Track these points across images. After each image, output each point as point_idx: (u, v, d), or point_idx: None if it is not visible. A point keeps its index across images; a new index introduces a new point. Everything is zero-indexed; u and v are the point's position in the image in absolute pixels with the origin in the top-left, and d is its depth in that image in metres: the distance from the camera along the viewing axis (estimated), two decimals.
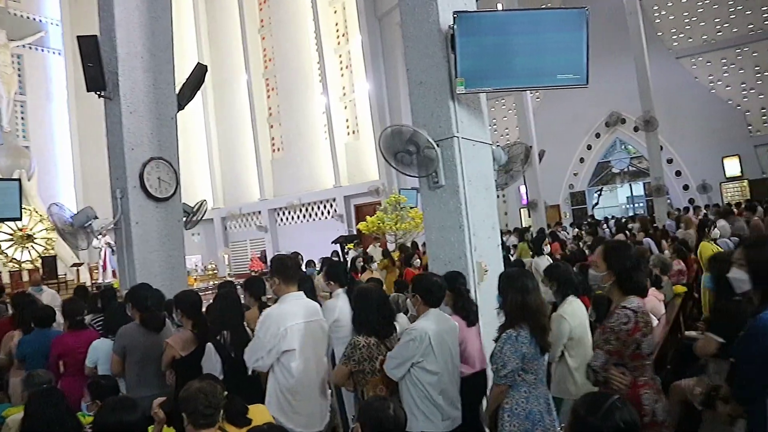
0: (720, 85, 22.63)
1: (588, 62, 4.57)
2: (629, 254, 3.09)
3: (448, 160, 4.40)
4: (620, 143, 24.75)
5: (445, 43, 4.48)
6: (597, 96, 21.07)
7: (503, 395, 3.27)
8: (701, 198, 21.95)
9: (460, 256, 4.37)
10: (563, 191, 25.20)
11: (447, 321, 3.87)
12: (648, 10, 22.72)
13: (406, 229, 15.40)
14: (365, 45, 20.78)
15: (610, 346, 2.97)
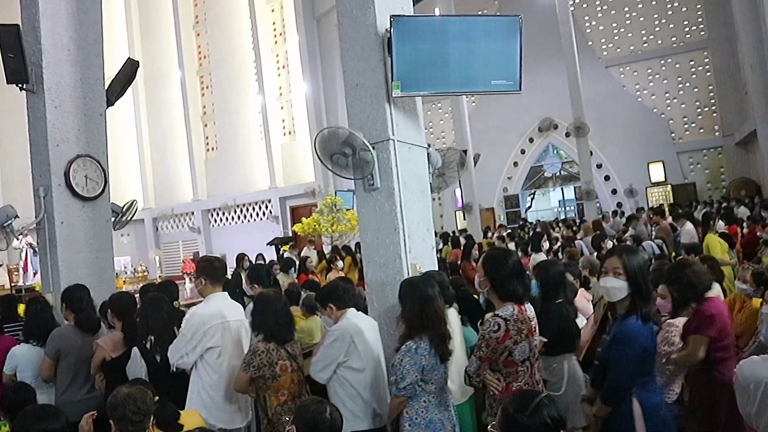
0: (646, 94, 23.64)
1: (521, 69, 4.66)
2: (506, 263, 3.18)
3: (384, 163, 4.40)
4: (553, 148, 25.49)
5: (381, 46, 4.48)
6: (531, 102, 21.61)
7: (403, 406, 3.32)
8: (628, 202, 22.82)
9: (395, 258, 4.37)
10: (497, 194, 25.72)
11: (366, 319, 3.97)
12: (579, 20, 23.49)
13: (342, 231, 15.38)
14: (302, 45, 20.64)
15: (482, 353, 3.09)
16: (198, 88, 24.70)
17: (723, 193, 21.70)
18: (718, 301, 3.98)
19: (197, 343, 3.91)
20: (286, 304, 4.09)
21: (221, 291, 4.23)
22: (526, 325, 3.15)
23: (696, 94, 23.12)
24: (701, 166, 23.16)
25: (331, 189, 18.31)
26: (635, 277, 2.94)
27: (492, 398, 3.16)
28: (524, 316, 3.16)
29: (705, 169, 23.11)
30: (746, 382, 2.00)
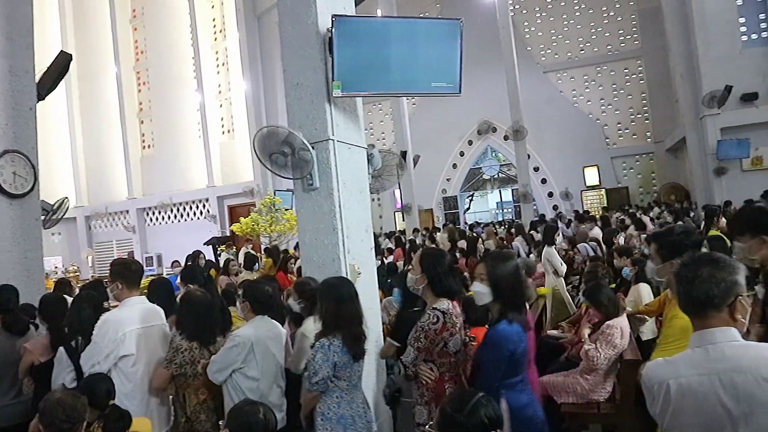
0: (582, 100, 24.33)
1: (461, 72, 4.70)
2: (442, 261, 3.37)
3: (323, 163, 4.37)
4: (491, 151, 25.92)
5: (322, 46, 4.45)
6: (470, 104, 21.91)
7: (316, 401, 3.40)
8: (564, 205, 23.43)
9: (334, 258, 4.36)
10: (436, 196, 25.97)
11: (273, 328, 3.94)
12: (519, 25, 23.99)
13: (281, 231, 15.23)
14: (243, 43, 20.29)
15: (420, 344, 3.25)
16: (134, 83, 23.96)
17: (654, 197, 22.53)
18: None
19: (110, 352, 3.73)
20: (212, 305, 4.02)
21: (138, 295, 4.05)
22: (459, 319, 3.35)
23: (630, 101, 23.95)
24: (634, 170, 24.01)
25: (270, 189, 18.09)
26: (497, 283, 3.07)
27: (424, 387, 3.30)
28: (457, 311, 3.35)
29: (637, 174, 23.98)
30: (651, 383, 2.06)
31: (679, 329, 2.69)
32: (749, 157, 16.69)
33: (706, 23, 16.90)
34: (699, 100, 16.97)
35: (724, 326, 2.00)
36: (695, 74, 17.30)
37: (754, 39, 17.38)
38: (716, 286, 1.98)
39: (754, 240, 2.92)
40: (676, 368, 2.02)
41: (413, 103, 25.03)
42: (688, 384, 1.96)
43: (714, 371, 1.95)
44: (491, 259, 3.25)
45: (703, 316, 2.02)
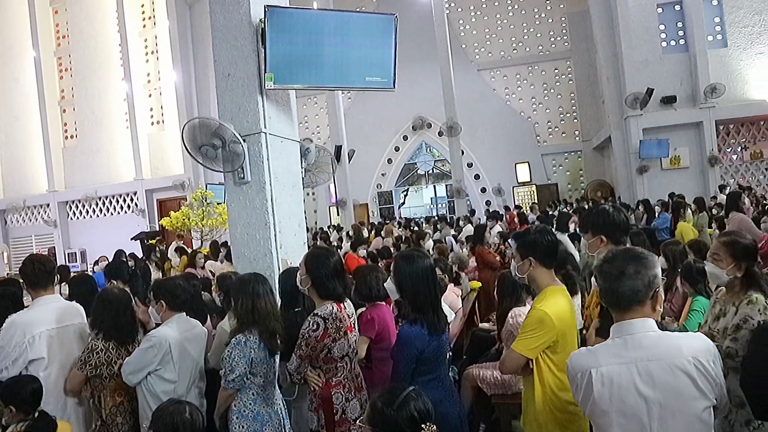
0: (514, 98, 24.88)
1: (395, 67, 4.70)
2: (327, 262, 3.33)
3: (255, 156, 4.29)
4: (426, 146, 26.14)
5: (255, 37, 4.36)
6: (405, 100, 22.03)
7: (231, 398, 3.35)
8: (496, 200, 23.91)
9: (266, 253, 4.29)
10: (371, 190, 26.01)
11: (193, 328, 3.80)
12: (454, 23, 24.27)
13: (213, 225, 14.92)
14: (173, 31, 19.70)
15: (302, 351, 3.23)
16: (55, 70, 22.81)
17: (582, 193, 23.26)
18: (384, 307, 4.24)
19: (18, 356, 3.51)
20: (129, 303, 3.86)
21: (50, 293, 3.82)
22: (345, 322, 3.31)
23: (559, 100, 24.65)
24: (563, 168, 24.76)
25: (201, 182, 17.68)
26: (402, 283, 3.15)
27: (313, 394, 3.32)
28: (343, 314, 3.32)
29: (566, 171, 24.74)
30: (574, 372, 2.15)
31: (536, 319, 2.80)
32: (668, 156, 17.54)
33: (630, 29, 17.60)
34: (623, 101, 17.66)
35: (644, 317, 2.12)
36: (620, 77, 17.99)
37: (673, 45, 18.25)
38: (641, 281, 2.09)
39: (594, 238, 3.08)
40: (597, 358, 2.11)
41: (348, 97, 24.96)
42: (609, 373, 2.05)
43: (632, 360, 2.05)
44: (399, 259, 3.28)
45: (627, 309, 2.11)
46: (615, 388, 2.04)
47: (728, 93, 17.14)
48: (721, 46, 17.97)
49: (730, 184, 18.17)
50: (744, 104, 17.49)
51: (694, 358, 2.05)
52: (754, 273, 3.07)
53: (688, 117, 17.56)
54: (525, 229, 3.26)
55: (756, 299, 2.99)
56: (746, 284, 3.07)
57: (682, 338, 2.16)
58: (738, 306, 3.05)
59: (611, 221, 3.19)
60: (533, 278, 3.03)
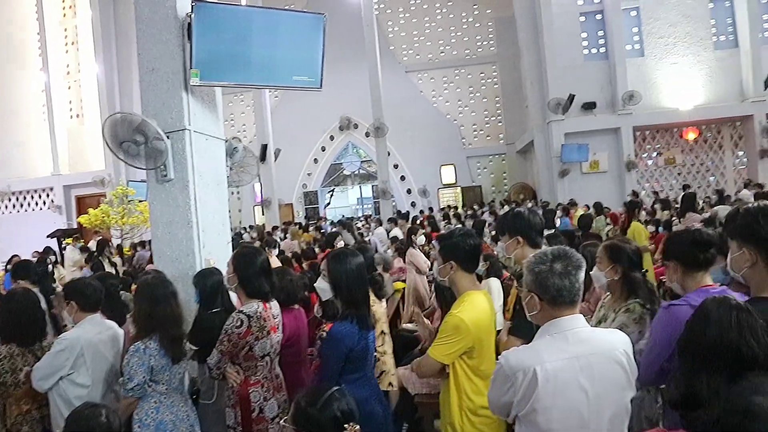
0: (441, 101, 25.23)
1: (323, 67, 4.70)
2: (254, 260, 3.37)
3: (179, 154, 4.20)
4: (352, 147, 26.14)
5: (181, 31, 4.27)
6: (333, 100, 21.92)
7: (133, 407, 3.26)
8: (422, 201, 24.17)
9: (188, 253, 4.20)
10: (297, 190, 25.72)
11: (108, 329, 3.68)
12: (383, 24, 24.39)
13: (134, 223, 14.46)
14: (96, 21, 18.96)
15: (223, 347, 3.26)
16: None
17: (505, 195, 23.83)
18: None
19: None
20: (36, 304, 3.69)
21: None
22: (269, 322, 3.34)
23: (485, 104, 25.17)
24: (487, 170, 25.28)
25: (123, 179, 17.09)
26: (336, 281, 3.17)
27: (230, 390, 3.32)
28: (268, 314, 3.35)
29: (490, 174, 25.27)
30: (513, 371, 2.14)
31: (452, 326, 2.85)
32: (588, 160, 18.23)
33: (554, 36, 18.21)
34: (546, 106, 18.23)
35: (575, 314, 2.21)
36: (543, 82, 18.59)
37: (594, 53, 19.04)
38: (578, 279, 2.18)
39: (511, 240, 3.20)
40: (540, 354, 2.13)
41: (276, 96, 24.66)
42: (554, 369, 2.09)
43: (574, 355, 2.12)
44: (332, 257, 3.28)
45: (564, 306, 2.18)
46: (559, 383, 2.08)
47: (644, 101, 18.00)
48: (638, 55, 18.87)
49: (646, 188, 19.10)
50: (659, 112, 18.42)
51: (624, 351, 2.18)
52: (632, 278, 3.15)
53: (607, 123, 18.33)
54: (449, 231, 3.29)
55: (633, 308, 3.08)
56: (627, 291, 3.16)
57: (608, 333, 2.30)
58: (617, 312, 3.14)
59: (527, 223, 3.27)
60: (453, 282, 3.05)
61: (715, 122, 19.25)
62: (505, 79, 24.46)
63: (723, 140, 19.67)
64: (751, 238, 2.13)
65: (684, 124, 19.04)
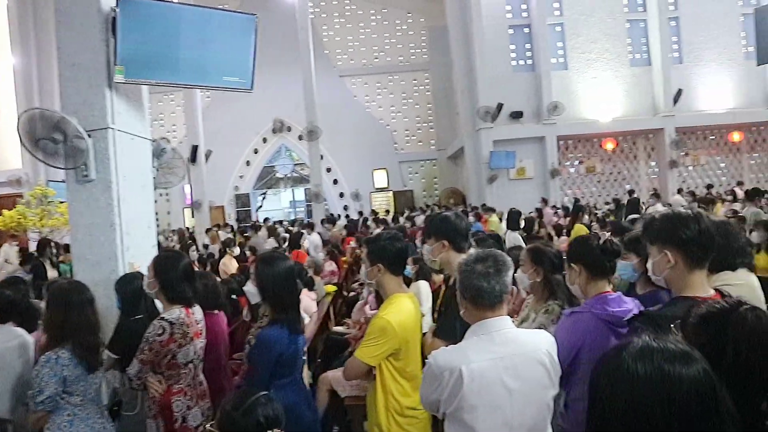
0: (374, 106, 25.36)
1: (254, 68, 4.64)
2: (176, 265, 3.29)
3: (101, 153, 4.04)
4: (285, 149, 25.91)
5: (105, 25, 4.11)
6: (266, 102, 21.68)
7: (43, 421, 3.09)
8: (354, 205, 24.19)
9: (110, 256, 4.05)
10: (228, 192, 25.26)
11: (16, 337, 3.55)
12: (318, 28, 24.28)
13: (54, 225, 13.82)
14: (12, 10, 18.01)
15: (144, 356, 3.13)
16: None
17: (436, 200, 24.16)
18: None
19: None
20: None
21: None
22: (193, 328, 3.26)
23: (417, 110, 25.49)
24: (419, 175, 25.59)
25: (42, 178, 16.33)
26: (264, 285, 3.17)
27: (151, 400, 3.21)
28: (191, 320, 3.26)
29: (422, 178, 25.60)
30: (440, 370, 2.19)
31: (379, 328, 2.90)
32: (515, 167, 18.74)
33: (484, 46, 18.65)
34: (476, 113, 18.62)
35: (502, 315, 2.28)
36: (473, 90, 18.97)
37: (522, 65, 19.64)
38: (505, 281, 2.26)
39: (437, 243, 3.29)
40: (467, 355, 2.19)
41: (207, 96, 24.13)
42: (479, 369, 2.15)
43: (499, 355, 2.19)
44: (260, 261, 3.26)
45: (492, 308, 2.25)
46: (484, 382, 2.14)
47: (567, 111, 18.68)
48: (562, 68, 19.58)
49: (569, 194, 19.79)
50: (580, 122, 19.17)
51: (547, 351, 2.27)
52: (553, 280, 3.26)
53: (533, 132, 18.92)
54: (376, 235, 3.32)
55: (552, 309, 3.18)
56: (548, 292, 3.27)
57: (533, 334, 2.39)
58: (538, 313, 3.24)
59: (453, 227, 3.30)
60: (381, 284, 3.10)
61: (631, 134, 20.30)
62: (437, 87, 24.86)
63: (638, 151, 20.75)
64: (671, 242, 2.22)
65: (603, 135, 19.93)
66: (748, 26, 17.59)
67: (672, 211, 2.35)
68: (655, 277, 2.35)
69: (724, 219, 3.48)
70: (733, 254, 3.07)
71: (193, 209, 20.99)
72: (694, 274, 2.22)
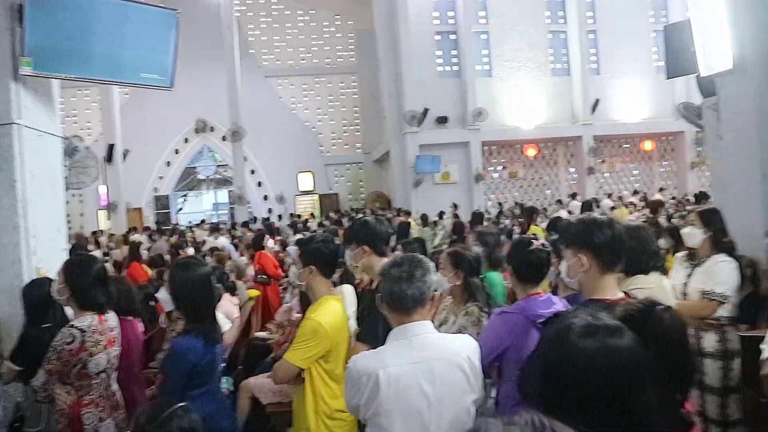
0: (300, 107, 25.13)
1: (175, 65, 4.47)
2: (88, 270, 3.14)
3: (4, 150, 3.78)
4: (208, 150, 25.29)
5: (9, 13, 3.85)
6: (188, 101, 21.13)
7: None
8: (278, 208, 23.87)
9: (14, 261, 3.79)
10: (147, 194, 24.34)
11: None
12: (244, 27, 23.85)
13: None
14: None
15: (52, 366, 2.98)
16: None
17: (362, 204, 24.16)
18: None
19: None
20: None
21: None
22: (106, 336, 3.11)
23: (343, 113, 25.45)
24: (344, 178, 25.55)
25: None
26: (177, 292, 3.07)
27: (59, 414, 3.04)
28: (104, 327, 3.12)
29: (348, 182, 25.57)
30: (358, 375, 2.19)
31: (310, 329, 2.88)
32: (440, 171, 18.98)
33: (411, 51, 18.81)
34: (402, 118, 18.75)
35: (423, 320, 2.26)
36: (400, 95, 19.09)
37: (448, 70, 19.91)
38: (425, 285, 2.24)
39: (358, 248, 3.30)
40: (384, 359, 2.18)
41: (126, 92, 23.15)
42: (396, 374, 2.14)
43: (417, 360, 2.18)
44: (175, 266, 3.18)
45: (411, 312, 2.23)
46: (401, 387, 2.13)
47: (491, 118, 19.09)
48: (487, 75, 20.00)
49: (492, 199, 20.21)
50: (504, 129, 19.65)
51: (468, 356, 2.26)
52: (472, 283, 3.32)
53: (458, 137, 19.21)
54: (310, 236, 3.29)
55: (472, 311, 3.24)
56: (466, 295, 3.33)
57: (456, 338, 2.39)
58: (457, 316, 3.29)
59: (373, 232, 3.30)
60: (310, 286, 3.07)
61: (552, 141, 20.94)
62: (363, 90, 24.88)
63: (558, 157, 21.47)
64: (585, 246, 2.29)
65: (525, 141, 20.49)
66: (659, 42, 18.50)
67: (587, 216, 2.44)
68: (568, 280, 2.43)
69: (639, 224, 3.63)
70: (646, 258, 3.18)
71: (109, 211, 20.18)
72: (605, 278, 2.30)
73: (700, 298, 3.67)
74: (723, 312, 3.63)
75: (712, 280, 3.62)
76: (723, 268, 3.65)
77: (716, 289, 3.59)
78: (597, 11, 20.70)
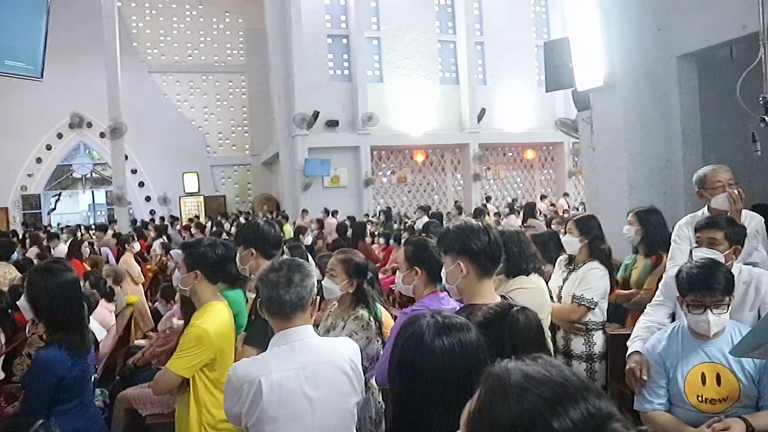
0: (186, 106, 24.36)
1: (45, 54, 4.16)
2: None
3: None
4: (84, 147, 23.86)
5: None
6: (63, 94, 19.94)
7: None
8: (162, 210, 22.95)
9: None
10: (14, 193, 22.57)
11: None
12: (126, 18, 22.77)
13: None
14: None
15: None
16: None
17: (249, 206, 23.71)
18: None
19: None
20: None
21: None
22: None
23: (232, 113, 24.92)
24: (232, 180, 25.02)
25: None
26: (36, 300, 2.88)
27: None
28: None
29: (235, 184, 25.06)
30: (240, 382, 2.14)
31: (194, 337, 2.81)
32: (329, 175, 19.00)
33: (303, 53, 18.69)
34: (292, 120, 18.59)
35: (305, 324, 2.26)
36: (290, 97, 18.93)
37: (339, 74, 20.01)
38: (305, 289, 2.22)
39: (246, 251, 3.28)
40: (267, 365, 2.16)
41: None
42: (279, 379, 2.12)
43: (300, 365, 2.18)
44: (34, 272, 2.95)
45: (291, 317, 2.21)
46: (284, 393, 2.12)
47: (381, 123, 19.32)
48: (378, 81, 20.24)
49: (381, 203, 20.46)
50: (393, 134, 19.93)
51: (350, 359, 2.28)
52: (362, 290, 3.33)
53: (347, 141, 19.30)
54: (196, 240, 3.22)
55: (361, 315, 3.25)
56: (355, 300, 3.33)
57: (336, 342, 2.41)
58: (346, 321, 3.28)
59: (261, 234, 3.28)
60: (195, 292, 2.98)
61: (440, 147, 21.58)
62: (253, 90, 24.46)
63: (446, 164, 22.13)
64: (463, 252, 2.36)
65: (414, 147, 20.94)
66: (540, 56, 19.50)
67: (464, 223, 2.50)
68: (448, 286, 2.50)
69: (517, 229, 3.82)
70: (526, 260, 3.33)
71: None
72: (483, 283, 2.40)
73: (571, 302, 3.92)
74: (592, 317, 3.90)
75: (583, 286, 3.88)
76: (594, 275, 3.91)
77: (585, 295, 3.85)
78: (484, 24, 21.50)
